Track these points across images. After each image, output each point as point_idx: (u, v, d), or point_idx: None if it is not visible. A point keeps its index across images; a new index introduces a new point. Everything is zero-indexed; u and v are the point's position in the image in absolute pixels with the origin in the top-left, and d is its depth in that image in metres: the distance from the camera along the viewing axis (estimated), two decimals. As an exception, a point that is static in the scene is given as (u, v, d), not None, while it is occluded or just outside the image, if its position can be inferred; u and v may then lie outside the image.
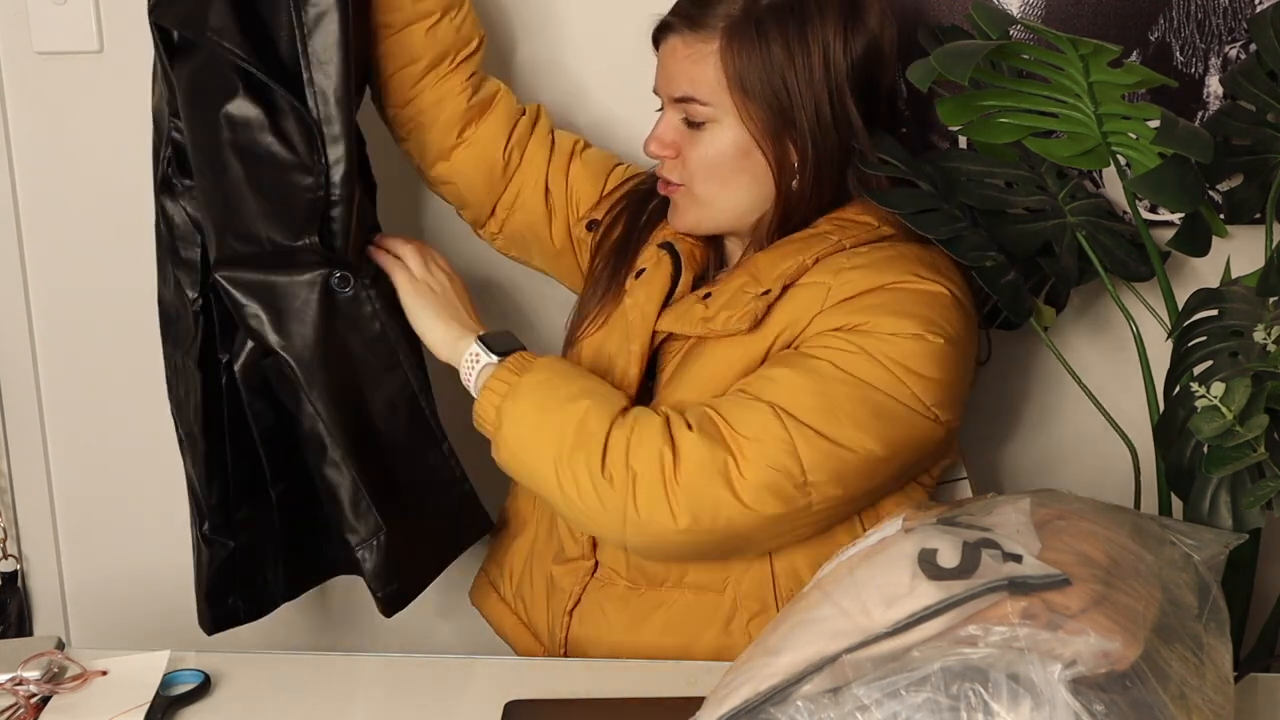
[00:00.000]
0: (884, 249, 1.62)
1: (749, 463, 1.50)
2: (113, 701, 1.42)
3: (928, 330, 1.55)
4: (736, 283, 1.63)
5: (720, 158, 1.62)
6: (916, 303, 1.56)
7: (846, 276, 1.58)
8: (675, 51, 1.62)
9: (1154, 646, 1.10)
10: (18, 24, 2.05)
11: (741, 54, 1.58)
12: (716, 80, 1.59)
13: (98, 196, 2.12)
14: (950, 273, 1.62)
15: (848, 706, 1.07)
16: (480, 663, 1.55)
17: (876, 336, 1.54)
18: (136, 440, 2.18)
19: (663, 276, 1.70)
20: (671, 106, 1.65)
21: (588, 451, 1.52)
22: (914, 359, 1.54)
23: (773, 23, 1.59)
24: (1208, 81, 1.86)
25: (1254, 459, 1.45)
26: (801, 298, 1.59)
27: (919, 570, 1.15)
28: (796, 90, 1.59)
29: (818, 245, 1.62)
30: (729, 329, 1.60)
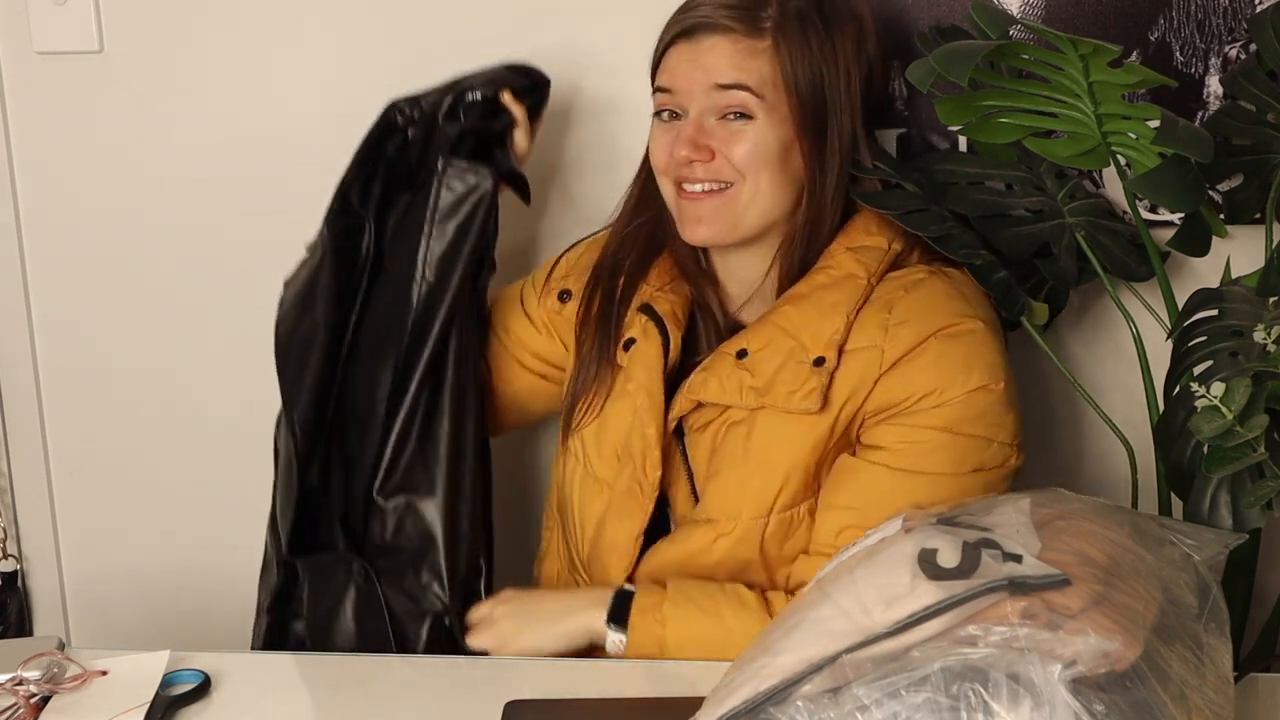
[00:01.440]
0: (913, 288, 1.61)
1: None
2: (113, 701, 1.42)
3: (990, 379, 1.58)
4: (780, 345, 1.60)
5: (767, 152, 1.60)
6: (969, 350, 1.58)
7: (895, 334, 1.57)
8: (718, 46, 1.60)
9: (1154, 647, 1.10)
10: (18, 24, 2.05)
11: (794, 51, 1.60)
12: (770, 75, 1.59)
13: (98, 197, 2.12)
14: (974, 297, 1.64)
15: (848, 706, 1.07)
16: (480, 663, 1.56)
17: (949, 407, 1.56)
18: (136, 441, 2.19)
19: (655, 346, 1.67)
20: (704, 102, 1.61)
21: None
22: (989, 412, 1.58)
23: (810, 24, 1.61)
24: (1208, 81, 1.86)
25: (1254, 459, 1.45)
26: (856, 366, 1.58)
27: (919, 570, 1.15)
28: (831, 93, 1.62)
29: (850, 297, 1.60)
30: (795, 406, 1.57)
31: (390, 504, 1.68)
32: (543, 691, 1.46)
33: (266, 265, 2.11)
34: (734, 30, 1.60)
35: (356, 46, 2.04)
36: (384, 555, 1.68)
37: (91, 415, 2.19)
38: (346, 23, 2.03)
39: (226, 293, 2.13)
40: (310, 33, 2.04)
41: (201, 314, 2.14)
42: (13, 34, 2.06)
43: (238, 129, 2.08)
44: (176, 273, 2.13)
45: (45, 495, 2.21)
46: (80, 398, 2.18)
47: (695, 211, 1.63)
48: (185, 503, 2.20)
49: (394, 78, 2.05)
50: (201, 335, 2.15)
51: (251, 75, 2.06)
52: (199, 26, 2.05)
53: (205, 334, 2.15)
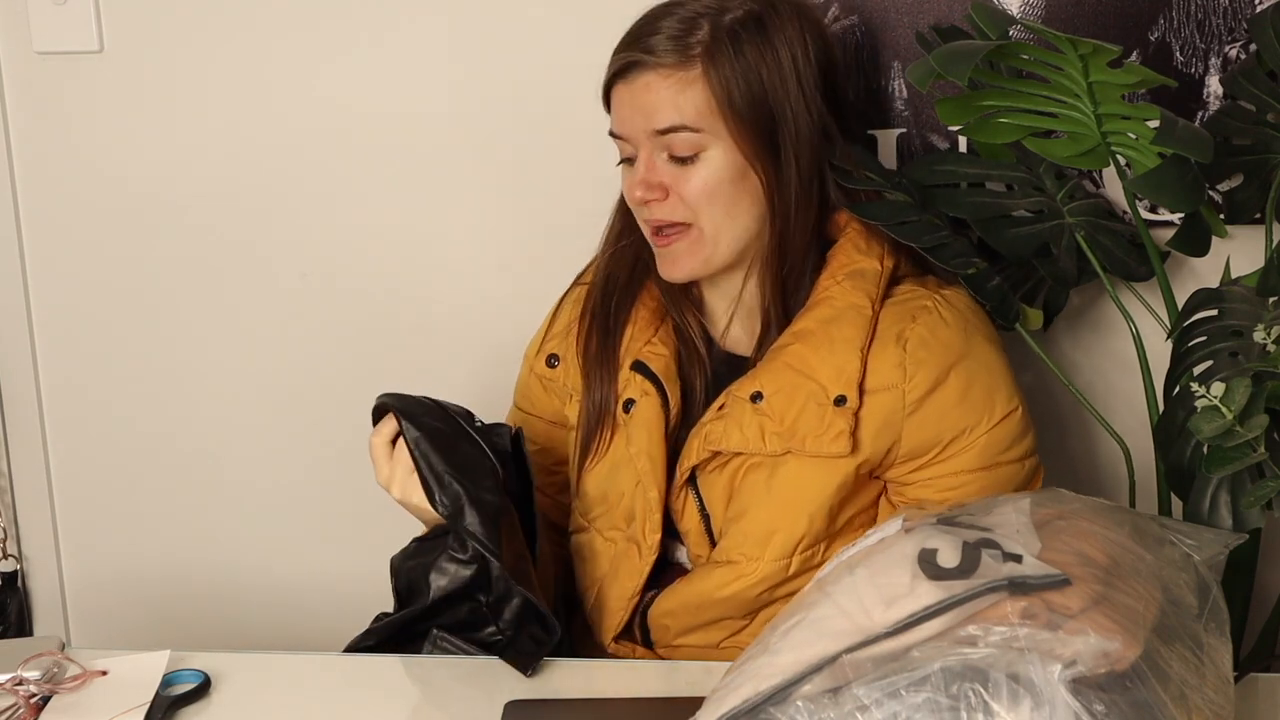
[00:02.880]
0: (918, 317, 1.59)
1: None
2: (113, 701, 1.42)
3: (1010, 403, 1.60)
4: (799, 389, 1.57)
5: (720, 185, 1.58)
6: (987, 379, 1.59)
7: (913, 375, 1.57)
8: (651, 85, 1.57)
9: (1154, 646, 1.10)
10: (18, 24, 2.05)
11: (725, 73, 1.56)
12: (705, 104, 1.56)
13: (98, 196, 2.12)
14: (974, 315, 1.63)
15: (848, 706, 1.07)
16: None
17: (981, 444, 1.58)
18: (136, 440, 2.19)
19: (655, 407, 1.64)
20: (650, 145, 1.58)
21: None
22: (1014, 434, 1.60)
23: (745, 38, 1.57)
24: (1208, 81, 1.86)
25: (1254, 459, 1.45)
26: (879, 407, 1.57)
27: (919, 570, 1.15)
28: (778, 103, 1.58)
29: (859, 331, 1.58)
30: (825, 450, 1.56)
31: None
32: (543, 691, 1.46)
33: (266, 265, 2.12)
34: (663, 64, 1.56)
35: (356, 47, 2.04)
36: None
37: (91, 415, 2.19)
38: (346, 23, 2.03)
39: (226, 292, 2.13)
40: (310, 33, 2.04)
41: (201, 314, 2.14)
42: (13, 34, 2.06)
43: (237, 129, 2.08)
44: (176, 273, 2.13)
45: (45, 495, 2.21)
46: (80, 398, 2.18)
47: (669, 254, 1.62)
48: (185, 503, 2.20)
49: (394, 77, 2.05)
50: (201, 335, 2.15)
51: (251, 75, 2.06)
52: (199, 26, 2.05)
53: (205, 334, 2.15)
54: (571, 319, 1.73)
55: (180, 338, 2.15)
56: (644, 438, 1.63)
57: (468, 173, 2.05)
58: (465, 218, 2.07)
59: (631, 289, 1.70)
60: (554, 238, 1.96)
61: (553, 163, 2.02)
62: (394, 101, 2.04)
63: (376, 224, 2.08)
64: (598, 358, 1.68)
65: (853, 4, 1.90)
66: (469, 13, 2.00)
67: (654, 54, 1.56)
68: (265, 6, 2.04)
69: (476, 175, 2.05)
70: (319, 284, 2.11)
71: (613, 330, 1.69)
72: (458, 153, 2.05)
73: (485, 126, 2.03)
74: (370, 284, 2.11)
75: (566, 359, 1.71)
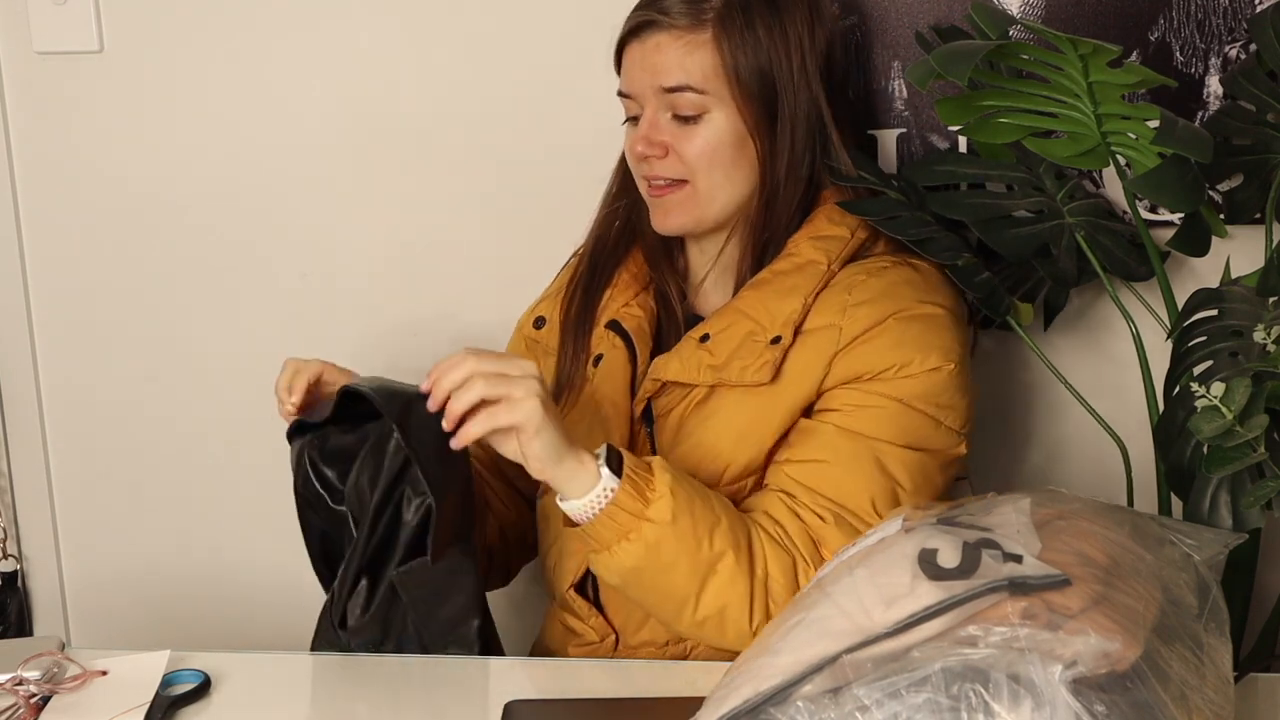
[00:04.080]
0: (877, 274, 1.64)
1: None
2: (113, 701, 1.42)
3: (944, 360, 1.60)
4: (740, 328, 1.62)
5: (720, 147, 1.63)
6: (925, 331, 1.60)
7: (853, 314, 1.60)
8: (662, 45, 1.62)
9: (1154, 647, 1.10)
10: (18, 24, 2.05)
11: (735, 40, 1.61)
12: (712, 68, 1.61)
13: (97, 196, 2.12)
14: (939, 285, 1.67)
15: (848, 707, 1.07)
16: (480, 663, 1.55)
17: (899, 381, 1.58)
18: (136, 441, 2.19)
19: (622, 360, 1.70)
20: (656, 103, 1.64)
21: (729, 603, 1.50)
22: (940, 393, 1.59)
23: (756, 11, 1.62)
24: (1208, 81, 1.86)
25: (1254, 459, 1.45)
26: (813, 344, 1.60)
27: (919, 570, 1.15)
28: (781, 79, 1.63)
29: (809, 281, 1.63)
30: (748, 379, 1.60)
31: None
32: (543, 691, 1.46)
33: (266, 265, 2.12)
34: (676, 26, 1.62)
35: (356, 46, 2.04)
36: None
37: (91, 415, 2.19)
38: (346, 22, 2.03)
39: (226, 292, 2.13)
40: (310, 32, 2.04)
41: (201, 314, 2.14)
42: (13, 34, 2.06)
43: (237, 129, 2.08)
44: (176, 273, 2.13)
45: (45, 495, 2.21)
46: (80, 398, 2.18)
47: (662, 205, 1.67)
48: (185, 503, 2.20)
49: (394, 77, 2.05)
50: (201, 335, 2.15)
51: (251, 75, 2.06)
52: (199, 26, 2.05)
53: (205, 334, 2.15)
54: (562, 284, 1.79)
55: (180, 338, 2.15)
56: (609, 386, 1.68)
57: (469, 173, 2.05)
58: (466, 218, 2.07)
59: (617, 253, 1.76)
60: (555, 238, 1.95)
61: (554, 163, 2.02)
62: (394, 101, 2.04)
63: (377, 224, 2.09)
64: (577, 318, 1.74)
65: (853, 4, 1.90)
66: (470, 13, 2.00)
67: (668, 15, 1.62)
68: (265, 6, 2.04)
69: (478, 175, 2.05)
70: (319, 284, 2.11)
71: (594, 291, 1.74)
72: (459, 152, 2.05)
73: (487, 126, 2.03)
74: (370, 284, 2.11)
75: (552, 320, 1.77)
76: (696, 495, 1.50)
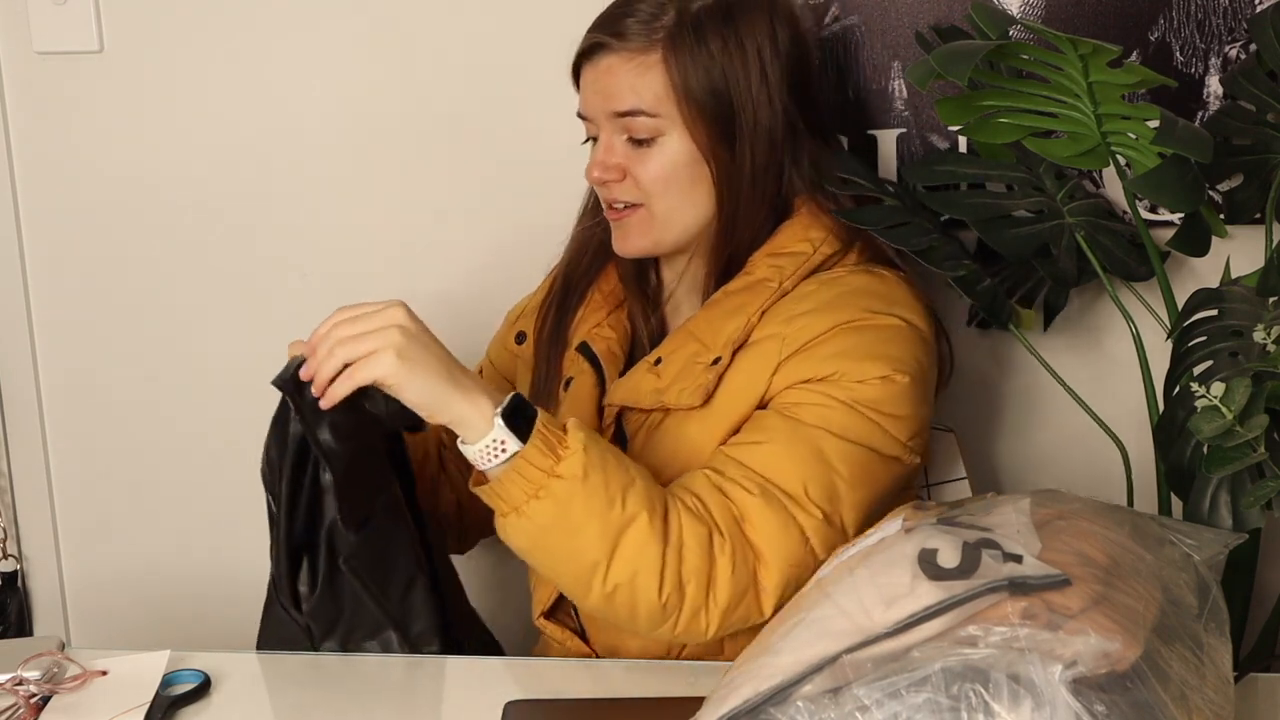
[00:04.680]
0: (830, 283, 1.60)
1: (770, 570, 1.47)
2: (113, 701, 1.42)
3: (894, 370, 1.54)
4: (687, 350, 1.60)
5: (675, 170, 1.60)
6: (876, 341, 1.55)
7: (799, 324, 1.56)
8: (613, 68, 1.59)
9: (1154, 647, 1.10)
10: (18, 24, 2.05)
11: (685, 60, 1.57)
12: (663, 89, 1.57)
13: (97, 196, 2.12)
14: (902, 299, 1.61)
15: (848, 707, 1.07)
16: (480, 663, 1.55)
17: (846, 385, 1.53)
18: (136, 441, 2.19)
19: (589, 385, 1.68)
20: (610, 127, 1.61)
21: (640, 569, 1.44)
22: (888, 402, 1.54)
23: (709, 27, 1.58)
24: (1208, 81, 1.86)
25: (1254, 459, 1.45)
26: (754, 356, 1.57)
27: (919, 570, 1.15)
28: (738, 95, 1.58)
29: (756, 299, 1.59)
30: (682, 403, 1.57)
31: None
32: (543, 691, 1.46)
33: (266, 265, 2.12)
34: (626, 47, 1.58)
35: (356, 46, 2.04)
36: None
37: (91, 415, 2.19)
38: (346, 22, 2.03)
39: (226, 292, 2.13)
40: (310, 32, 2.04)
41: (201, 313, 2.14)
42: (13, 34, 2.06)
43: (237, 129, 2.08)
44: (176, 273, 2.13)
45: (45, 495, 2.21)
46: (80, 398, 2.18)
47: (621, 228, 1.64)
48: (185, 503, 2.20)
49: (394, 77, 2.05)
50: (201, 335, 2.15)
51: (251, 75, 2.06)
52: (199, 26, 2.05)
53: (205, 334, 2.15)
54: (543, 295, 1.78)
55: (180, 337, 2.15)
56: (576, 411, 1.65)
57: (469, 172, 2.05)
58: (466, 217, 2.07)
59: (590, 272, 1.74)
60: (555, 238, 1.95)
61: (554, 163, 2.01)
62: (394, 101, 2.04)
63: (377, 223, 2.09)
64: (550, 339, 1.73)
65: (853, 4, 1.90)
66: (470, 13, 2.00)
67: (618, 37, 1.58)
68: (265, 6, 2.04)
69: (478, 175, 2.05)
70: (319, 283, 2.11)
71: (566, 311, 1.73)
72: (459, 152, 2.05)
73: (487, 126, 2.03)
74: (371, 283, 2.10)
75: (531, 337, 1.76)
76: (610, 454, 1.45)
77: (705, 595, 1.46)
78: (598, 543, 1.43)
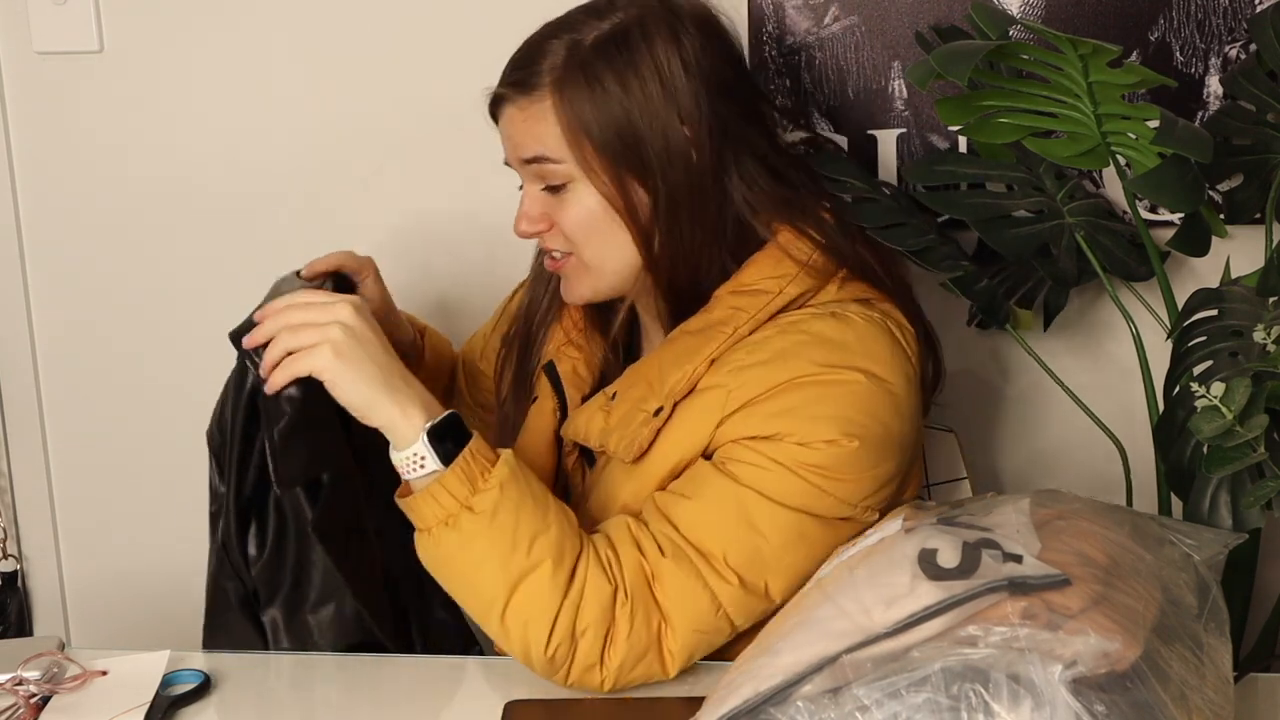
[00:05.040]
0: (788, 329, 1.48)
1: (675, 633, 1.42)
2: (113, 701, 1.42)
3: (843, 433, 1.42)
4: (635, 392, 1.51)
5: (592, 216, 1.51)
6: (827, 400, 1.44)
7: (746, 376, 1.45)
8: (513, 118, 1.52)
9: (1154, 647, 1.10)
10: (18, 24, 2.05)
11: (575, 100, 1.48)
12: (562, 134, 1.49)
13: (97, 196, 2.12)
14: (868, 346, 1.47)
15: (848, 707, 1.07)
16: (480, 663, 1.55)
17: (788, 447, 1.42)
18: (136, 440, 2.19)
19: (549, 406, 1.63)
20: (528, 176, 1.54)
21: (532, 617, 1.41)
22: (834, 467, 1.43)
23: (600, 61, 1.48)
24: (1208, 81, 1.86)
25: (1254, 459, 1.45)
26: (698, 408, 1.47)
27: (919, 570, 1.15)
28: (641, 125, 1.48)
29: (709, 344, 1.49)
30: (619, 453, 1.49)
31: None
32: (543, 691, 1.46)
33: (266, 265, 2.12)
34: (514, 99, 1.52)
35: (356, 46, 2.04)
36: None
37: (91, 415, 2.19)
38: (346, 23, 2.03)
39: (226, 292, 2.13)
40: (309, 32, 2.04)
41: (201, 313, 2.14)
42: (13, 34, 2.06)
43: (237, 129, 2.08)
44: (176, 273, 2.13)
45: (45, 495, 2.21)
46: (80, 398, 2.18)
47: (563, 279, 1.59)
48: (185, 503, 2.19)
49: (394, 77, 2.05)
50: (201, 335, 2.14)
51: (251, 75, 2.06)
52: (199, 26, 2.05)
53: (205, 333, 2.14)
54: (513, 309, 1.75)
55: (180, 337, 2.15)
56: (530, 439, 1.62)
57: (470, 172, 2.05)
58: (467, 217, 2.07)
59: (549, 315, 1.68)
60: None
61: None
62: (394, 101, 2.04)
63: (377, 223, 2.08)
64: (515, 376, 1.69)
65: (853, 4, 1.90)
66: (470, 13, 2.00)
67: (513, 86, 1.52)
68: (265, 6, 2.04)
69: (479, 174, 2.05)
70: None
71: (530, 351, 1.68)
72: (460, 152, 2.04)
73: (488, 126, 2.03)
74: (370, 284, 2.10)
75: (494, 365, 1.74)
76: (530, 496, 1.41)
77: (600, 651, 1.41)
78: (496, 584, 1.41)
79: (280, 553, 1.56)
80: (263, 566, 1.56)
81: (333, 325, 1.43)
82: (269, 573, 1.56)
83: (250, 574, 1.56)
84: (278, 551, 1.55)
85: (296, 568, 1.56)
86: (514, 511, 1.40)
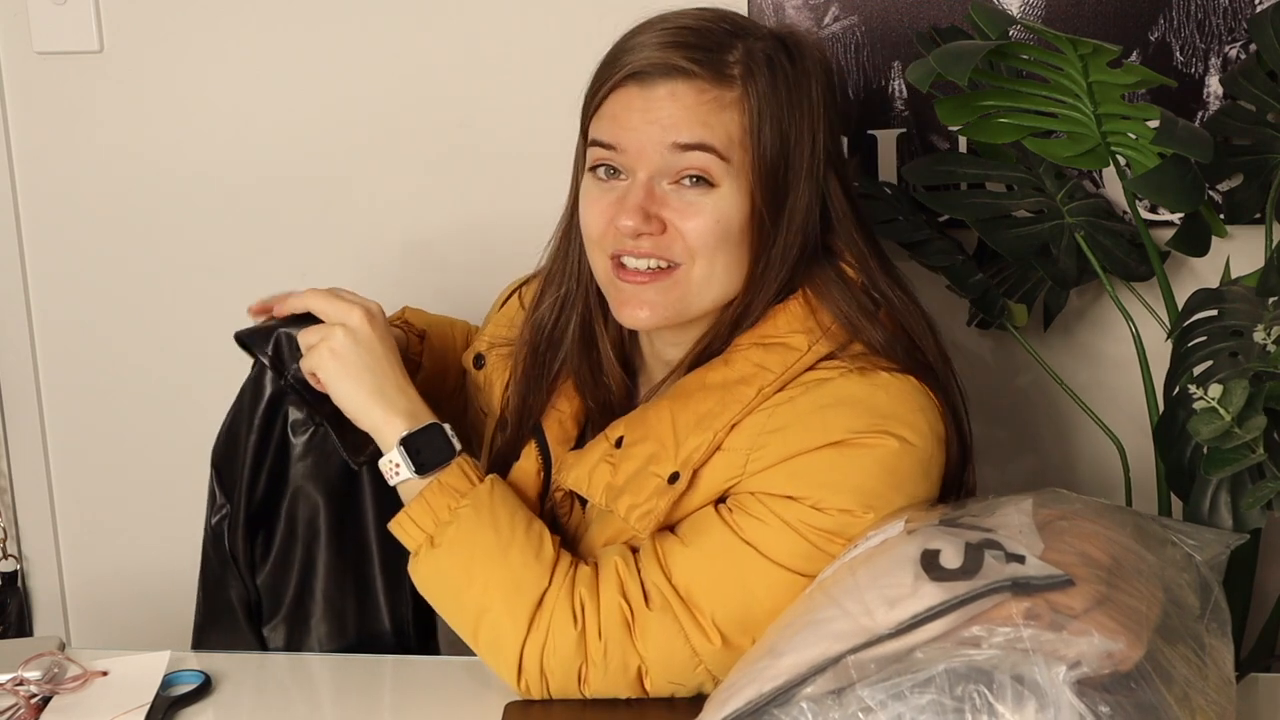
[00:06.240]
0: (815, 388, 1.37)
1: (654, 679, 1.37)
2: (113, 702, 1.42)
3: (861, 505, 1.33)
4: (646, 447, 1.39)
5: (727, 227, 1.38)
6: (851, 468, 1.34)
7: (769, 441, 1.36)
8: (679, 95, 1.36)
9: (1157, 647, 1.10)
10: (18, 24, 2.05)
11: (762, 104, 1.37)
12: (737, 135, 1.37)
13: (97, 196, 2.12)
14: (897, 406, 1.37)
15: (852, 708, 1.07)
16: (480, 663, 1.55)
17: (801, 509, 1.34)
18: (136, 441, 2.18)
19: (533, 467, 1.52)
20: (655, 164, 1.38)
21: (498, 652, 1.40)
22: (840, 533, 1.34)
23: (779, 70, 1.39)
24: (1208, 81, 1.86)
25: (1252, 460, 1.45)
26: (719, 467, 1.38)
27: (922, 571, 1.16)
28: (797, 151, 1.40)
29: (731, 409, 1.37)
30: (631, 521, 1.38)
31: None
32: (544, 692, 1.46)
33: (266, 264, 2.12)
34: (699, 76, 1.36)
35: (355, 46, 2.04)
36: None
37: (91, 415, 2.19)
38: (345, 22, 2.03)
39: (226, 292, 2.13)
40: (310, 32, 2.04)
41: (201, 313, 2.14)
42: (13, 34, 2.06)
43: (237, 129, 2.08)
44: (176, 272, 2.13)
45: (45, 495, 2.21)
46: (80, 398, 2.18)
47: (637, 295, 1.41)
48: (185, 503, 2.19)
49: (394, 77, 2.05)
50: (201, 335, 2.15)
51: (251, 75, 2.06)
52: (199, 26, 2.05)
53: (205, 333, 2.15)
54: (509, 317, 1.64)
55: (180, 337, 2.15)
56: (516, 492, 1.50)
57: (471, 171, 2.05)
58: (467, 216, 2.07)
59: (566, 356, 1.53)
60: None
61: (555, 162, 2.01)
62: (394, 101, 2.04)
63: (377, 222, 2.08)
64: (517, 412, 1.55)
65: (853, 4, 1.90)
66: (470, 13, 2.00)
67: (688, 63, 1.36)
68: (265, 6, 2.03)
69: (479, 174, 2.05)
70: (319, 283, 2.10)
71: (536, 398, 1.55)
72: (459, 152, 2.04)
73: (488, 126, 2.03)
74: (370, 282, 2.09)
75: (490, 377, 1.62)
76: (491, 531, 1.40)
77: (576, 684, 1.39)
78: (463, 615, 1.43)
79: (286, 560, 1.57)
80: (268, 574, 1.57)
81: (336, 328, 1.47)
82: (273, 580, 1.57)
83: (255, 582, 1.58)
84: (284, 559, 1.57)
85: (303, 572, 1.56)
86: (467, 548, 1.41)
